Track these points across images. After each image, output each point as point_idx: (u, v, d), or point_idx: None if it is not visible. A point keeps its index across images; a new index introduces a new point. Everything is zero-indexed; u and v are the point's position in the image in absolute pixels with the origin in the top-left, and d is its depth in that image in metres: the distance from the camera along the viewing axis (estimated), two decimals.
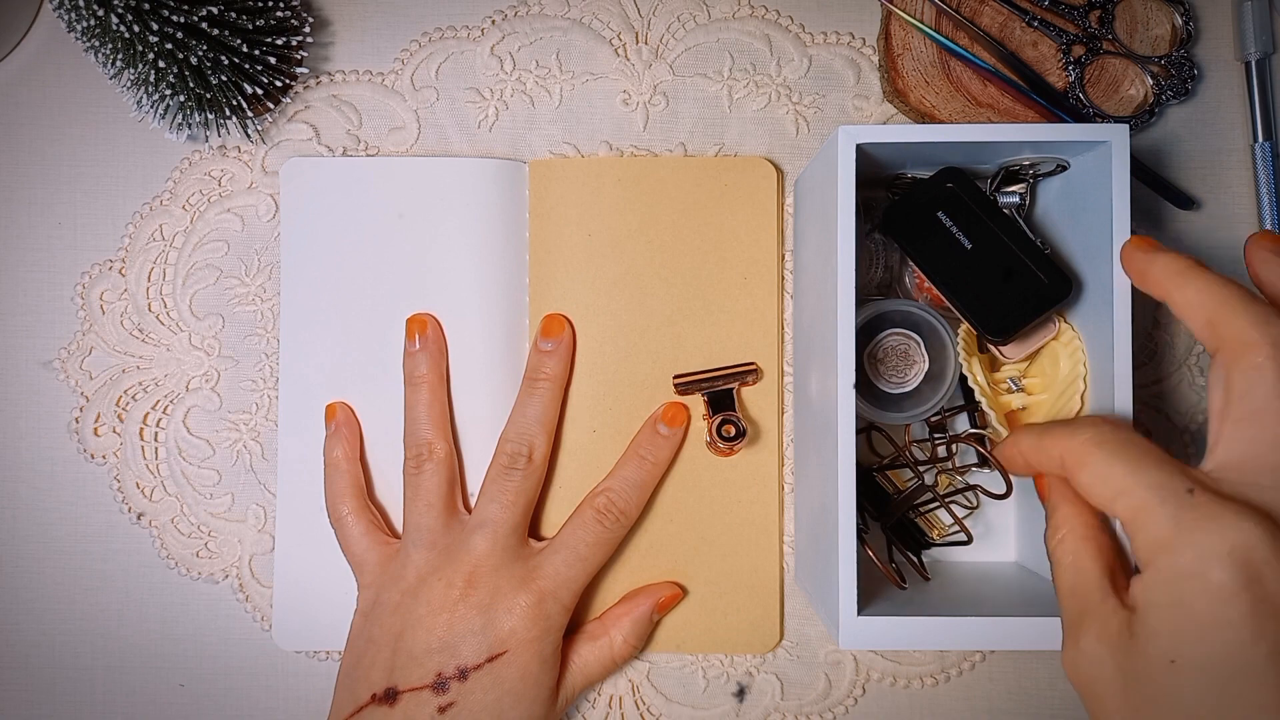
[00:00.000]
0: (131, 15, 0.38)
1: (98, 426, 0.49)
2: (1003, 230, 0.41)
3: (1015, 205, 0.44)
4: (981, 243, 0.41)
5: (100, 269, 0.49)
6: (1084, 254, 0.41)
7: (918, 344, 0.43)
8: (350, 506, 0.46)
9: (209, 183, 0.49)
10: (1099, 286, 0.39)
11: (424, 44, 0.49)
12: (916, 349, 0.42)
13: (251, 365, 0.49)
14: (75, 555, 0.49)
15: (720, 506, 0.47)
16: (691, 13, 0.49)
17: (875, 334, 0.43)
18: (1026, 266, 0.40)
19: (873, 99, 0.49)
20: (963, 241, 0.41)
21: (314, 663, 0.49)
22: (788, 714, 0.48)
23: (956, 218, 0.41)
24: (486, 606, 0.42)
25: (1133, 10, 0.47)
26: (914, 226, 0.41)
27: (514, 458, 0.45)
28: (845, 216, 0.37)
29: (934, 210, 0.41)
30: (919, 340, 0.43)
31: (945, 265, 0.41)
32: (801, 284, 0.46)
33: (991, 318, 0.40)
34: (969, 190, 0.42)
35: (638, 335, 0.47)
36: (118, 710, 0.49)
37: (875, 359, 0.43)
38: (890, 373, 0.43)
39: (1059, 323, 0.42)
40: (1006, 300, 0.40)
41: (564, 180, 0.48)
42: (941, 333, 0.42)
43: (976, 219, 0.41)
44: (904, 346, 0.43)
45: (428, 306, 0.48)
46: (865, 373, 0.43)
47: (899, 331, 0.43)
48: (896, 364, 0.43)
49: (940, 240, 0.41)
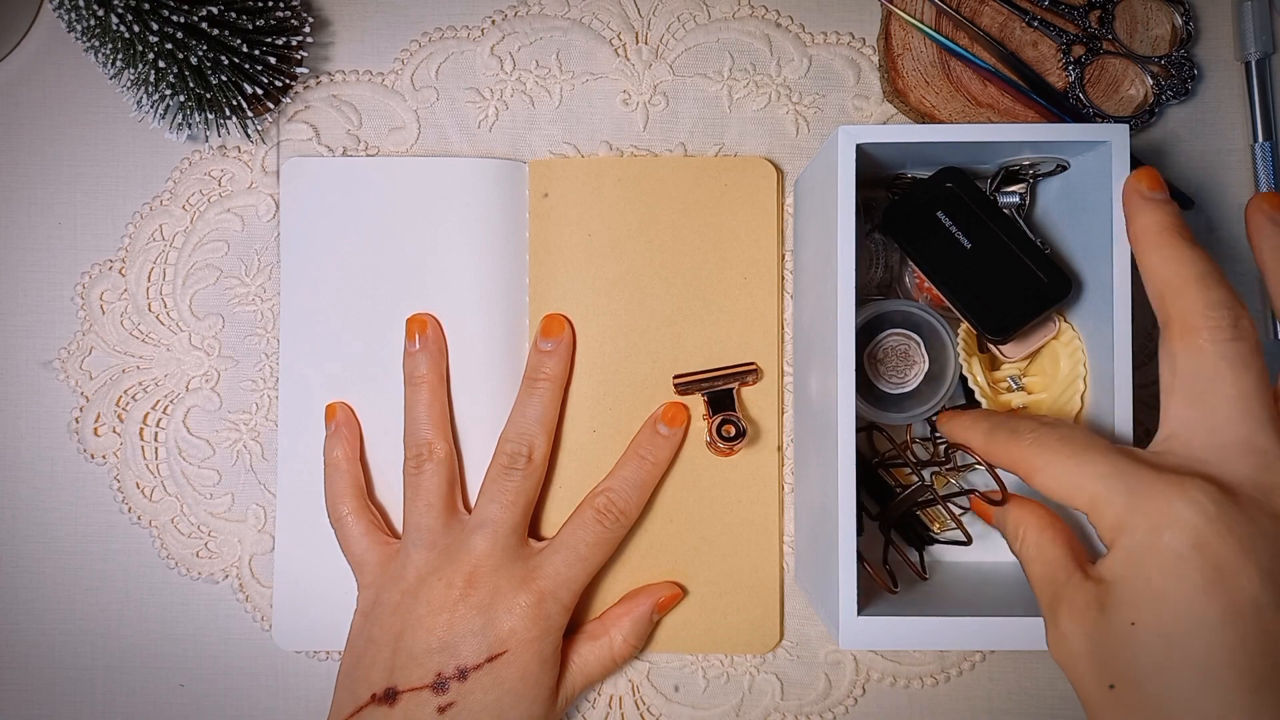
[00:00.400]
0: (131, 15, 0.38)
1: (98, 426, 0.49)
2: (1002, 230, 0.41)
3: (1015, 205, 0.44)
4: (981, 242, 0.41)
5: (100, 269, 0.49)
6: (1084, 254, 0.41)
7: (918, 344, 0.43)
8: (350, 506, 0.46)
9: (209, 183, 0.49)
10: (1099, 286, 0.39)
11: (424, 44, 0.49)
12: (916, 349, 0.42)
13: (251, 365, 0.49)
14: (75, 555, 0.49)
15: (720, 506, 0.47)
16: (691, 13, 0.49)
17: (875, 334, 0.43)
18: (1026, 266, 0.40)
19: (873, 99, 0.49)
20: (962, 241, 0.41)
21: (314, 663, 0.49)
22: (788, 714, 0.48)
23: (956, 217, 0.41)
24: (486, 606, 0.42)
25: (1133, 10, 0.47)
26: (914, 226, 0.42)
27: (514, 458, 0.45)
28: (845, 216, 0.37)
29: (934, 210, 0.41)
30: (919, 340, 0.43)
31: (945, 265, 0.41)
32: (801, 284, 0.46)
33: (991, 317, 0.40)
34: (969, 190, 0.42)
35: (638, 335, 0.47)
36: (118, 710, 0.49)
37: (875, 359, 0.43)
38: (890, 373, 0.43)
39: (1059, 322, 0.42)
40: (1006, 300, 0.40)
41: (564, 180, 0.48)
42: (941, 333, 0.42)
43: (976, 219, 0.41)
44: (904, 347, 0.43)
45: (428, 306, 0.48)
46: (865, 373, 0.43)
47: (899, 332, 0.43)
48: (896, 364, 0.43)
49: (940, 240, 0.41)
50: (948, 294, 0.41)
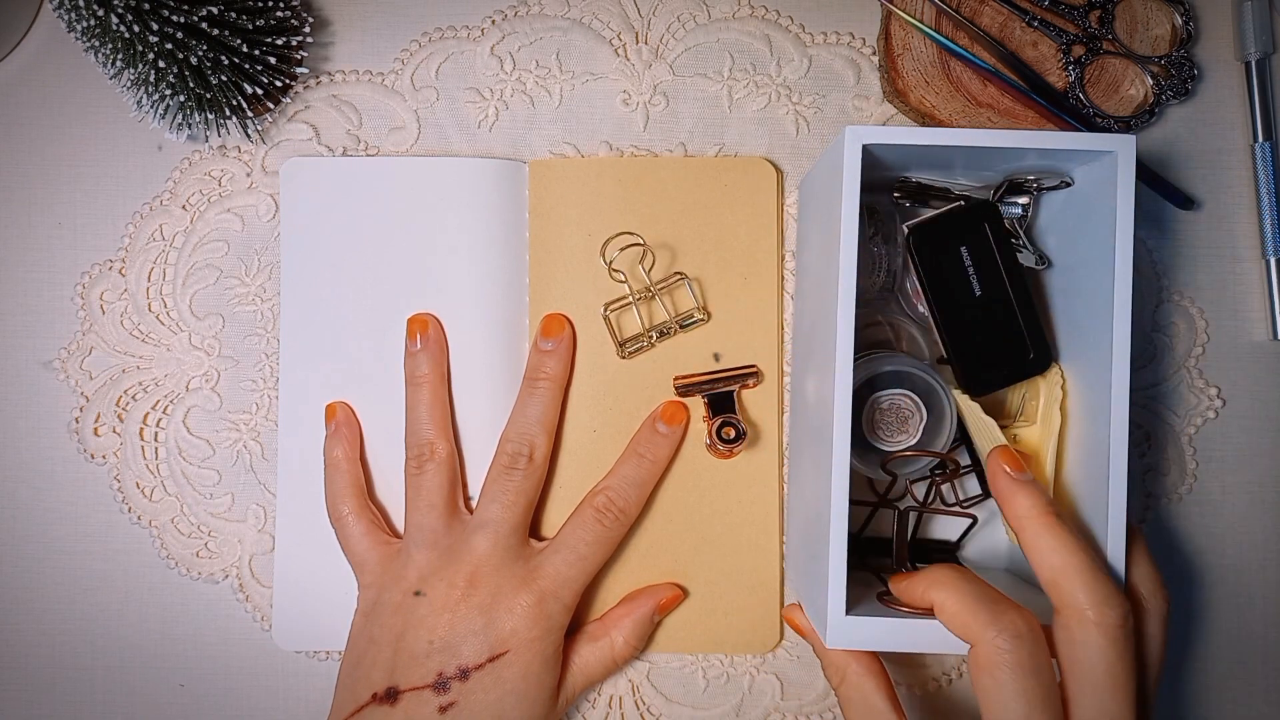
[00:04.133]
0: (131, 15, 0.38)
1: (98, 426, 0.49)
2: (1014, 288, 0.41)
3: (1018, 216, 0.44)
4: (990, 294, 0.41)
5: (100, 269, 0.49)
6: (1085, 263, 0.41)
7: (914, 402, 0.42)
8: (351, 506, 0.46)
9: (209, 183, 0.49)
10: (1100, 299, 0.39)
11: (424, 44, 0.49)
12: (912, 405, 0.42)
13: (251, 365, 0.49)
14: (75, 555, 0.49)
15: (720, 507, 0.47)
16: (691, 13, 0.49)
17: (870, 394, 0.43)
18: (1020, 334, 0.41)
19: (873, 99, 0.49)
20: (974, 285, 0.41)
21: (314, 663, 0.49)
22: (788, 714, 0.48)
23: (976, 258, 0.41)
24: (488, 606, 0.42)
25: (1133, 10, 0.47)
26: (936, 251, 0.41)
27: (515, 458, 0.45)
28: (849, 214, 0.37)
29: (960, 243, 0.41)
30: (916, 400, 0.42)
31: (950, 303, 0.41)
32: (803, 286, 0.46)
33: (973, 371, 0.42)
34: (998, 234, 0.41)
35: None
36: (118, 710, 0.49)
37: (872, 420, 0.43)
38: (889, 431, 0.43)
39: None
40: (992, 359, 0.42)
41: (564, 180, 0.48)
42: (939, 390, 0.42)
43: (993, 268, 0.41)
44: (901, 405, 0.42)
45: (428, 306, 0.48)
46: (861, 433, 0.42)
47: (897, 393, 0.43)
48: (893, 423, 0.43)
49: (954, 276, 0.41)
50: (944, 334, 0.41)
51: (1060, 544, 0.35)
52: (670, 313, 0.47)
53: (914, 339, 0.46)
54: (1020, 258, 0.43)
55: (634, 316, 0.47)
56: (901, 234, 0.42)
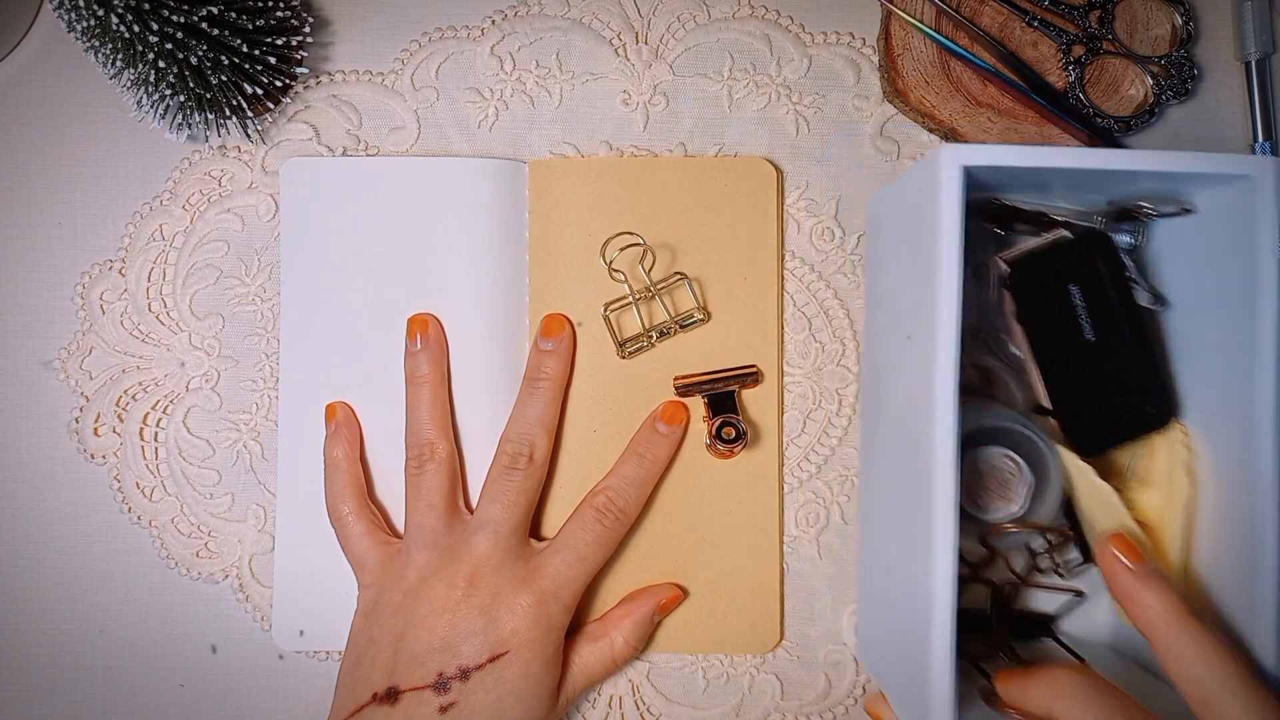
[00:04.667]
0: (131, 15, 0.38)
1: (98, 426, 0.49)
2: (1132, 331, 0.35)
3: (1127, 247, 0.38)
4: (1105, 339, 0.35)
5: (100, 269, 0.49)
6: (1214, 303, 0.35)
7: (1016, 463, 0.36)
8: (351, 506, 0.46)
9: (209, 183, 0.49)
10: (1237, 344, 0.32)
11: (424, 44, 0.49)
12: (1014, 467, 0.36)
13: (251, 365, 0.49)
14: (75, 555, 0.49)
15: (720, 507, 0.47)
16: (691, 13, 0.49)
17: (964, 452, 0.36)
18: (1138, 384, 0.35)
19: (873, 99, 0.49)
20: (1086, 331, 0.36)
21: (314, 663, 0.49)
22: (788, 714, 0.48)
23: (1089, 298, 0.36)
24: (488, 607, 0.42)
25: (1133, 10, 0.47)
26: (1040, 291, 0.36)
27: (515, 458, 0.45)
28: (949, 252, 0.31)
29: (1068, 281, 0.36)
30: (1019, 461, 0.36)
31: (1059, 352, 0.36)
32: (875, 320, 0.41)
33: (1086, 429, 0.36)
34: (1113, 267, 0.36)
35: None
36: (118, 710, 0.49)
37: (968, 482, 0.36)
38: (988, 497, 0.36)
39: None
40: (1106, 414, 0.35)
41: (564, 180, 0.48)
42: (1043, 449, 0.36)
43: (1109, 308, 0.36)
44: (1002, 466, 0.36)
45: (428, 306, 0.48)
46: (962, 503, 0.36)
47: (998, 451, 0.36)
48: (993, 487, 0.36)
49: (1063, 320, 0.36)
50: (1051, 389, 0.36)
51: (1205, 650, 0.31)
52: (670, 313, 0.47)
53: (1007, 386, 0.39)
54: (1135, 295, 0.37)
55: (634, 316, 0.47)
56: (997, 268, 0.36)
